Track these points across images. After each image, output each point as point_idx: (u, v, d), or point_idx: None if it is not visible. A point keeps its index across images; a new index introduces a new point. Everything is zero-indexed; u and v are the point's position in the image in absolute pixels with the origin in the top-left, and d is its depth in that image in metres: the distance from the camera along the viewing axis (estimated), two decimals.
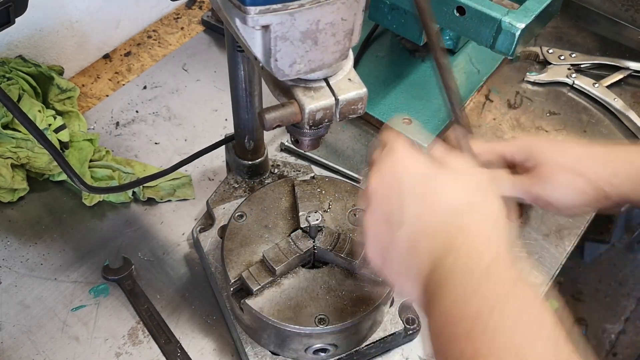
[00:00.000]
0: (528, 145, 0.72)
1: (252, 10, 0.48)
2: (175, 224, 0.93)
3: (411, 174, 0.55)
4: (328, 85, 0.57)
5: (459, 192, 0.54)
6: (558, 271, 0.90)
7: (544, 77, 1.15)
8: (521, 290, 0.47)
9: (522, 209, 0.78)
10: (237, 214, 0.79)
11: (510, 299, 0.46)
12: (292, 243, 0.74)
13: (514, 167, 0.73)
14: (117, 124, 1.05)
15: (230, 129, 0.90)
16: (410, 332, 0.80)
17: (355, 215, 0.79)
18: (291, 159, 0.99)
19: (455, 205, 0.53)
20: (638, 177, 0.67)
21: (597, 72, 1.16)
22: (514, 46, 0.84)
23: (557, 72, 1.15)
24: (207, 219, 0.88)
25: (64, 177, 0.95)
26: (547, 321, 0.45)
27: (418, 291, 0.52)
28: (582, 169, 0.68)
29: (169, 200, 0.95)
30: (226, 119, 1.06)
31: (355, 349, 0.77)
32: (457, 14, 0.86)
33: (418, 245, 0.52)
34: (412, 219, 0.53)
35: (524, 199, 0.71)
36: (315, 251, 0.75)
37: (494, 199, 0.54)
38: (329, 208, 0.80)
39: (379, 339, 0.78)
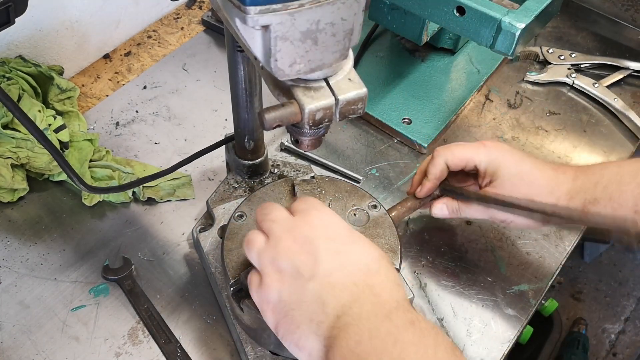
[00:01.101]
0: (494, 160, 0.80)
1: (252, 10, 0.48)
2: (175, 224, 0.93)
3: (326, 233, 0.62)
4: (328, 85, 0.57)
5: (368, 256, 0.61)
6: (558, 271, 0.90)
7: (544, 77, 1.15)
8: (419, 325, 0.55)
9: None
10: (237, 214, 0.79)
11: (410, 332, 0.54)
12: None
13: (477, 171, 0.82)
14: (117, 124, 1.05)
15: (230, 129, 0.90)
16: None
17: (355, 215, 0.79)
18: (291, 159, 0.99)
19: (366, 265, 0.60)
20: (574, 207, 0.75)
21: (597, 72, 1.16)
22: (514, 46, 0.84)
23: (557, 72, 1.15)
24: (207, 219, 0.88)
25: (64, 177, 0.95)
26: (441, 345, 0.53)
27: (315, 340, 0.57)
28: (531, 195, 0.77)
29: (169, 200, 0.95)
30: (226, 119, 1.06)
31: None
32: (457, 14, 0.86)
33: (326, 297, 0.58)
34: (324, 273, 0.59)
35: (487, 218, 0.82)
36: None
37: (394, 269, 0.63)
38: (329, 208, 0.80)
39: None
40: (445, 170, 0.82)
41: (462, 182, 0.85)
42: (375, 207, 0.80)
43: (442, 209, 0.83)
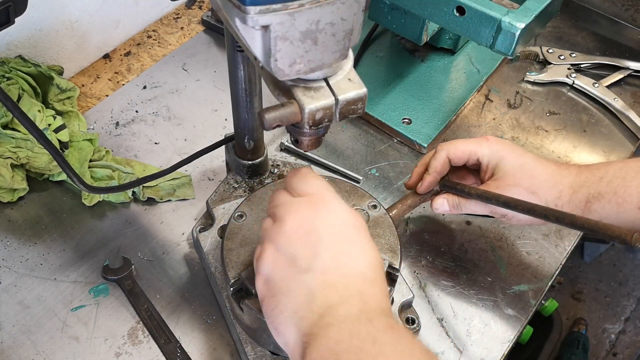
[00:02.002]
0: (496, 153, 0.80)
1: (252, 10, 0.48)
2: (175, 224, 0.93)
3: (333, 229, 0.60)
4: (328, 85, 0.57)
5: (367, 262, 0.60)
6: (558, 271, 0.90)
7: (543, 77, 1.15)
8: (397, 330, 0.56)
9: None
10: (237, 214, 0.79)
11: (389, 334, 0.54)
12: None
13: (478, 165, 0.82)
14: (117, 124, 1.05)
15: (230, 129, 0.90)
16: (411, 331, 0.80)
17: None
18: (291, 159, 0.99)
19: (363, 272, 0.59)
20: (577, 201, 0.76)
21: (597, 72, 1.16)
22: (513, 46, 0.84)
23: (557, 72, 1.15)
24: (207, 219, 0.88)
25: (63, 177, 0.95)
26: (417, 347, 0.55)
27: (294, 332, 0.57)
28: (534, 188, 0.77)
29: (169, 200, 0.95)
30: (226, 119, 1.06)
31: None
32: (457, 14, 0.86)
33: (316, 293, 0.57)
34: (321, 269, 0.58)
35: (487, 214, 0.82)
36: None
37: (385, 278, 0.63)
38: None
39: None
40: (446, 164, 0.82)
41: (462, 180, 0.85)
42: (375, 207, 0.80)
43: (442, 203, 0.83)
